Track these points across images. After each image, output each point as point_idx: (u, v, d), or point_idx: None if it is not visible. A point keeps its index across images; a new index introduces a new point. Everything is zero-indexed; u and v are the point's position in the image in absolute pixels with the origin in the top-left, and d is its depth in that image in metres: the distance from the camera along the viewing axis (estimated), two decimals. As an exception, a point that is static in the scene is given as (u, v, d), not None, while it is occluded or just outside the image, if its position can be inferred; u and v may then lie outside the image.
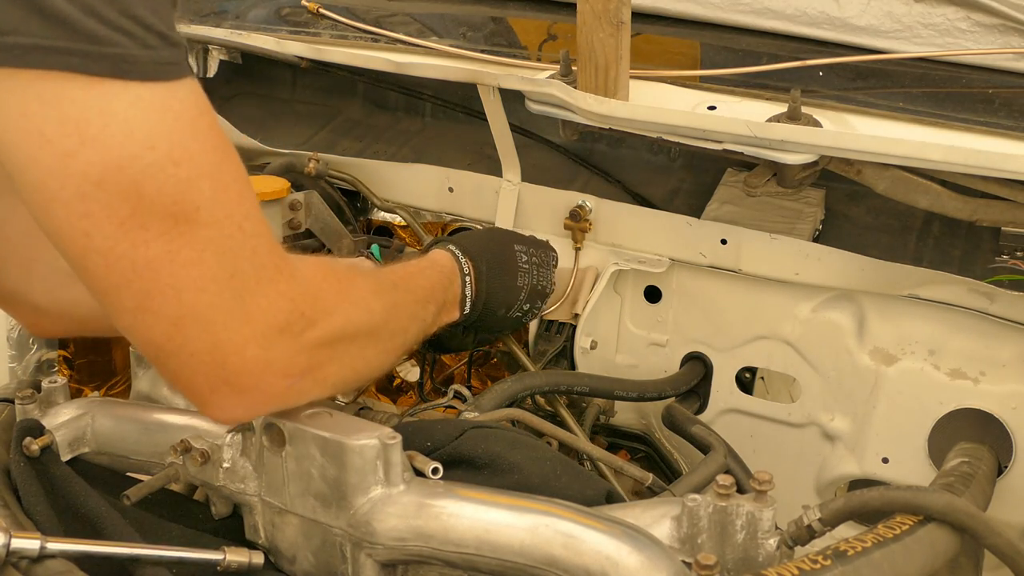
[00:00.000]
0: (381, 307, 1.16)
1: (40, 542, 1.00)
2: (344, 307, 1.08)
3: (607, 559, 0.99)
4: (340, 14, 1.97)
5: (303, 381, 1.03)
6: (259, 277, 0.97)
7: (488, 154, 1.81)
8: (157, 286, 0.92)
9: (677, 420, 1.57)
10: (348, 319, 1.08)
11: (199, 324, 0.94)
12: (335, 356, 1.07)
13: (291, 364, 1.01)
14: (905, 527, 1.08)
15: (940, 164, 1.44)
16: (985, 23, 1.65)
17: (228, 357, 0.96)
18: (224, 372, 0.97)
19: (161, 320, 0.94)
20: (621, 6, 1.51)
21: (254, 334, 0.97)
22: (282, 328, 0.99)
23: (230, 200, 0.95)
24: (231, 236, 0.94)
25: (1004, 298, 1.48)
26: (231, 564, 1.08)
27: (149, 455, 1.26)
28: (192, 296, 0.93)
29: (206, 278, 0.93)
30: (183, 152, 0.91)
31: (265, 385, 1.00)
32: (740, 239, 1.61)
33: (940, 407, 1.54)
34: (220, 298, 0.94)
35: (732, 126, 1.50)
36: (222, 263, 0.94)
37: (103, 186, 0.88)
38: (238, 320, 0.96)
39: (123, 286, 0.93)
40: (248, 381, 0.99)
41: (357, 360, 1.12)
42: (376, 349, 1.15)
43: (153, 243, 0.91)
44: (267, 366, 0.99)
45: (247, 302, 0.96)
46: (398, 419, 1.43)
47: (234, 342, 0.96)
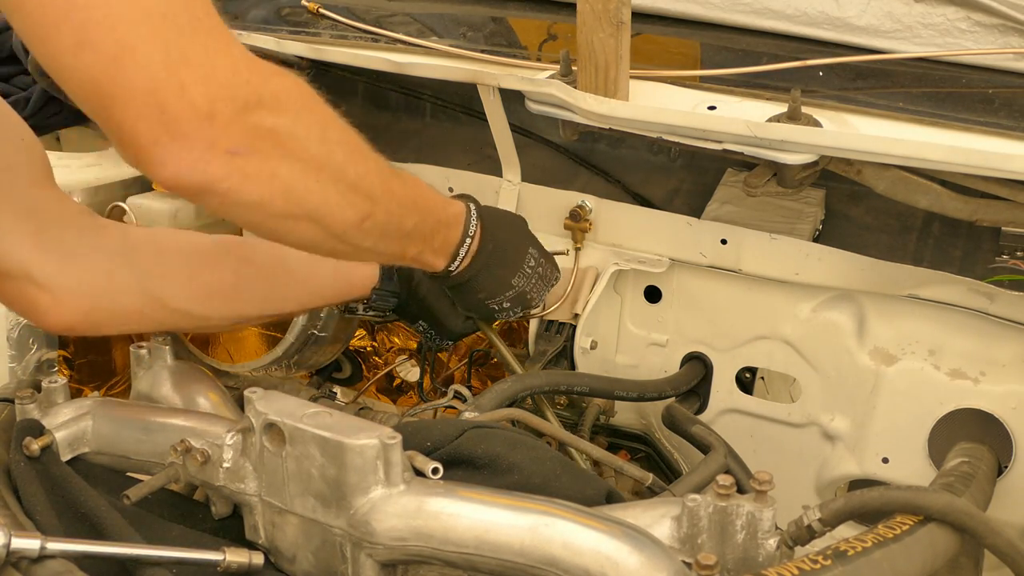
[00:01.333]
0: (348, 153, 1.10)
1: (40, 542, 1.00)
2: (302, 114, 1.04)
3: (607, 559, 0.99)
4: (340, 14, 1.97)
5: (247, 161, 0.99)
6: (195, 27, 0.95)
7: (488, 154, 1.81)
8: (92, 18, 0.91)
9: (677, 420, 1.57)
10: (303, 128, 1.04)
11: (136, 60, 0.92)
12: (285, 156, 1.02)
13: (229, 127, 0.97)
14: (905, 527, 1.08)
15: (940, 164, 1.44)
16: (985, 23, 1.64)
17: (167, 99, 0.94)
18: (164, 117, 0.94)
19: (100, 56, 0.92)
20: (621, 6, 1.51)
21: (194, 79, 0.94)
22: (223, 84, 0.96)
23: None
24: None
25: (1004, 298, 1.48)
26: (231, 564, 1.08)
27: (149, 455, 1.26)
28: (127, 30, 0.92)
29: (138, 13, 0.92)
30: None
31: (206, 137, 0.96)
32: (740, 239, 1.61)
33: (940, 407, 1.54)
34: (155, 36, 0.93)
35: (732, 126, 1.50)
36: (153, 2, 0.93)
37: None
38: (176, 60, 0.93)
39: (60, 22, 0.91)
40: (188, 128, 0.95)
41: (306, 179, 1.06)
42: (331, 177, 1.09)
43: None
44: (207, 116, 0.95)
45: (184, 47, 0.94)
46: (398, 419, 1.43)
47: (172, 83, 0.93)
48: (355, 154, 1.12)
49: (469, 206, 1.38)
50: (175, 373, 1.41)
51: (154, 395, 1.39)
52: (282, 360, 1.83)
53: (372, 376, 2.01)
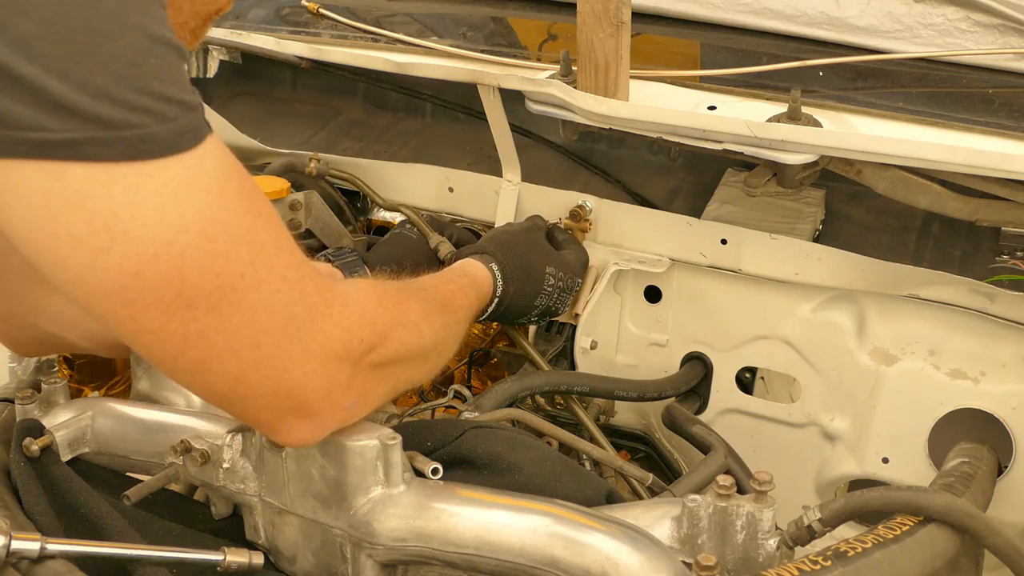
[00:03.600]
0: (431, 330, 1.18)
1: (40, 543, 1.00)
2: (398, 331, 1.09)
3: (607, 559, 0.99)
4: (340, 14, 1.97)
5: (362, 401, 1.06)
6: (312, 315, 0.98)
7: (488, 154, 1.81)
8: (213, 352, 0.93)
9: (677, 420, 1.57)
10: (401, 343, 1.10)
11: (260, 374, 0.95)
12: (385, 377, 1.08)
13: (350, 387, 1.02)
14: (905, 527, 1.08)
15: (940, 164, 1.44)
16: (985, 23, 1.65)
17: (292, 392, 0.98)
18: (289, 404, 0.99)
19: (221, 378, 0.95)
20: (621, 6, 1.51)
21: (315, 368, 0.98)
22: (341, 356, 1.00)
23: (269, 256, 0.94)
24: (278, 290, 0.94)
25: (1004, 298, 1.47)
26: (231, 565, 1.08)
27: (149, 455, 1.26)
28: (250, 353, 0.94)
29: (261, 334, 0.94)
30: (217, 226, 0.89)
31: (329, 409, 1.02)
32: (740, 239, 1.61)
33: (940, 407, 1.54)
34: (278, 348, 0.95)
35: (732, 126, 1.50)
36: (274, 317, 0.94)
37: (142, 277, 0.87)
38: (297, 361, 0.97)
39: (178, 356, 0.93)
40: (313, 409, 1.00)
41: (402, 380, 1.14)
42: (422, 369, 1.18)
43: (202, 318, 0.90)
44: (328, 392, 1.00)
45: (304, 341, 0.97)
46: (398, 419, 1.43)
47: (296, 379, 0.97)
48: (439, 331, 1.20)
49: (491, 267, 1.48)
50: (175, 373, 1.40)
51: (154, 395, 1.38)
52: (282, 360, 1.83)
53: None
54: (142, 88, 0.84)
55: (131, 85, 0.84)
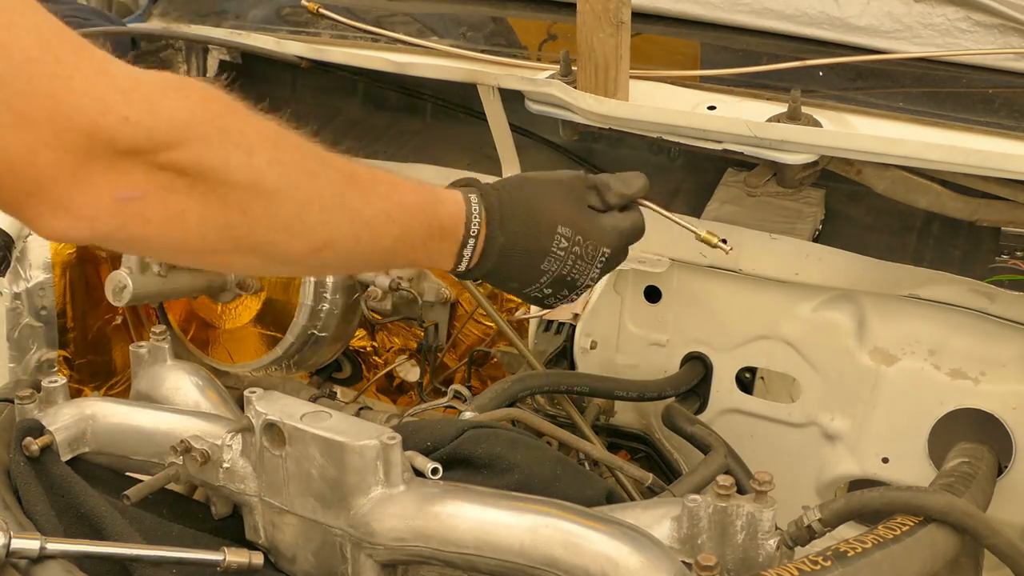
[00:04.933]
0: (275, 164, 0.96)
1: (40, 543, 1.00)
2: (212, 139, 0.90)
3: (607, 560, 0.99)
4: (340, 14, 1.97)
5: (144, 204, 0.87)
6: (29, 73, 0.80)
7: (488, 154, 1.80)
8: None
9: (677, 420, 1.57)
10: (216, 154, 0.90)
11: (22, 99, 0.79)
12: (194, 190, 0.89)
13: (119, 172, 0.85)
14: (905, 528, 1.08)
15: (940, 164, 1.44)
16: (985, 23, 1.64)
17: (16, 167, 0.82)
18: (24, 183, 0.83)
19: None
20: (621, 6, 1.51)
21: (41, 139, 0.81)
22: (84, 130, 0.82)
23: None
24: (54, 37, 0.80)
25: (1004, 298, 1.47)
26: (231, 565, 1.08)
27: (149, 455, 1.26)
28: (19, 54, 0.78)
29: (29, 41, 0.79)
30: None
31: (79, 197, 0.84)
32: (740, 239, 1.61)
33: (940, 407, 1.54)
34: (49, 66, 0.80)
35: (732, 126, 1.50)
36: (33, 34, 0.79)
37: None
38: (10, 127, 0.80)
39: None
40: (53, 190, 0.83)
41: (231, 210, 0.93)
42: (264, 210, 0.95)
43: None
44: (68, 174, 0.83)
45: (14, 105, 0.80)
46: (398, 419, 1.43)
47: (16, 151, 0.81)
48: (297, 174, 0.98)
49: (469, 199, 1.19)
50: (175, 373, 1.41)
51: (154, 395, 1.39)
52: (282, 360, 1.83)
53: (372, 376, 2.01)
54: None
55: None
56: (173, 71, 2.08)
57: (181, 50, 2.09)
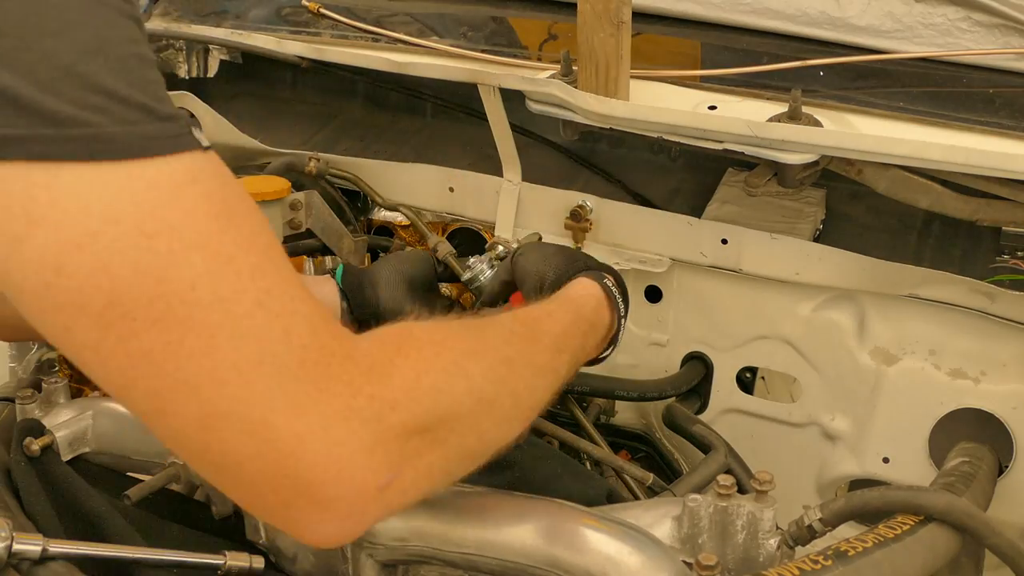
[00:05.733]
0: (484, 370, 0.96)
1: (42, 544, 1.00)
2: (430, 379, 0.89)
3: (608, 559, 0.99)
4: (340, 14, 1.97)
5: (402, 478, 0.85)
6: (301, 360, 0.79)
7: (489, 154, 1.80)
8: (165, 384, 0.77)
9: (677, 420, 1.57)
10: (439, 394, 0.89)
11: (232, 423, 0.78)
12: (437, 440, 0.88)
13: (374, 459, 0.82)
14: (906, 527, 1.08)
15: (940, 164, 1.44)
16: (985, 23, 1.64)
17: (285, 460, 0.79)
18: (289, 480, 0.79)
19: (186, 423, 0.78)
20: (621, 6, 1.51)
21: (310, 428, 0.79)
22: (346, 416, 0.81)
23: (239, 273, 0.78)
24: (247, 316, 0.78)
25: (1005, 298, 1.47)
26: (232, 568, 1.08)
27: (149, 455, 1.26)
28: (212, 391, 0.77)
29: (223, 368, 0.77)
30: (159, 223, 0.75)
31: (348, 489, 0.81)
32: (741, 239, 1.61)
33: (941, 407, 1.54)
34: (248, 391, 0.77)
35: (733, 126, 1.50)
36: (242, 348, 0.77)
37: (64, 272, 0.74)
38: (282, 413, 0.78)
39: (129, 387, 0.78)
40: (321, 488, 0.80)
41: (468, 438, 0.93)
42: (492, 419, 0.97)
43: (144, 334, 0.75)
44: (341, 465, 0.81)
45: (289, 392, 0.79)
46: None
47: (284, 440, 0.78)
48: (498, 367, 0.99)
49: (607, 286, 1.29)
50: (175, 373, 1.40)
51: (154, 395, 1.38)
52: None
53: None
54: (92, 86, 0.74)
55: (79, 81, 0.74)
56: (173, 71, 2.09)
57: (182, 50, 2.09)
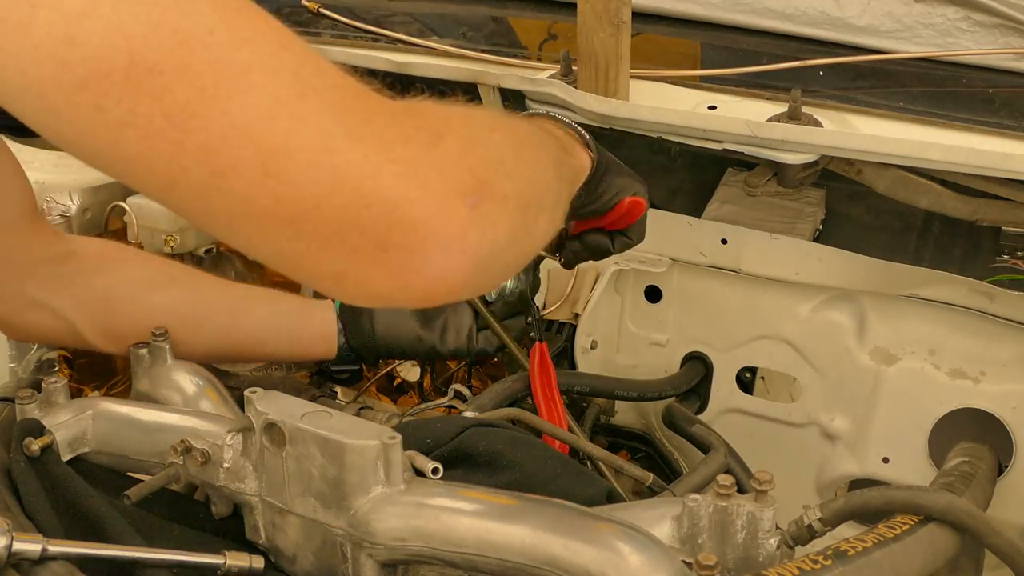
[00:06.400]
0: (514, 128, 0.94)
1: (42, 544, 1.00)
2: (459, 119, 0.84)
3: (607, 559, 0.99)
4: (340, 14, 1.97)
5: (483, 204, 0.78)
6: (341, 95, 0.74)
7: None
8: (214, 135, 0.70)
9: (677, 420, 1.57)
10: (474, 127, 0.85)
11: (295, 159, 0.71)
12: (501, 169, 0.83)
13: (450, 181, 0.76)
14: (906, 527, 1.08)
15: (940, 164, 1.44)
16: (985, 23, 1.64)
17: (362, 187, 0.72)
18: (374, 209, 0.72)
19: (248, 174, 0.71)
20: (621, 6, 1.51)
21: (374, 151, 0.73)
22: (405, 141, 0.75)
23: (253, 20, 0.73)
24: (276, 55, 0.73)
25: (1005, 298, 1.47)
26: (231, 568, 1.08)
27: (149, 455, 1.26)
28: (264, 127, 0.70)
29: (268, 102, 0.71)
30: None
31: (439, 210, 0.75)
32: (740, 239, 1.61)
33: (940, 407, 1.54)
34: (300, 121, 0.71)
35: (732, 126, 1.50)
36: (280, 82, 0.72)
37: (76, 42, 0.69)
38: (342, 139, 0.72)
39: (178, 154, 0.71)
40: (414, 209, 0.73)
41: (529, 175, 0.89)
42: (540, 163, 0.94)
43: (176, 86, 0.70)
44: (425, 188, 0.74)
45: (340, 120, 0.73)
46: (398, 419, 1.43)
47: (354, 165, 0.72)
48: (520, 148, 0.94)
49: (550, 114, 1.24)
50: (175, 373, 1.41)
51: (154, 395, 1.39)
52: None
53: (372, 376, 2.01)
54: None
55: None
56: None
57: (181, 50, 2.08)
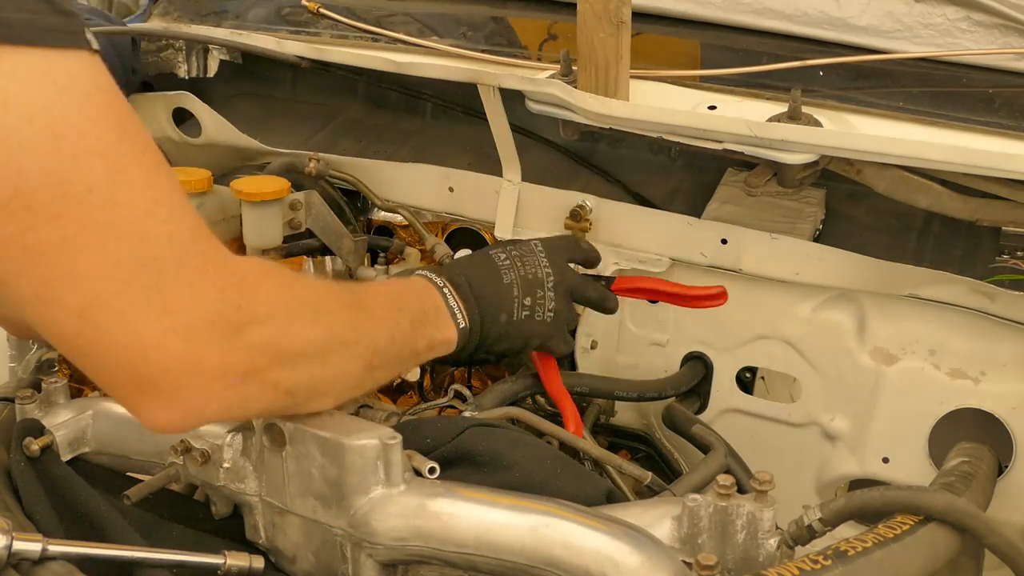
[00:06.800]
0: (336, 312, 1.06)
1: (42, 544, 1.00)
2: (290, 306, 0.99)
3: (607, 559, 0.99)
4: (340, 14, 1.97)
5: (247, 385, 0.94)
6: (179, 264, 0.89)
7: (488, 154, 1.80)
8: (55, 274, 0.84)
9: (677, 420, 1.57)
10: (294, 319, 0.99)
11: (108, 315, 0.86)
12: (285, 361, 0.98)
13: (226, 363, 0.92)
14: (905, 527, 1.08)
15: (940, 164, 1.44)
16: (985, 23, 1.64)
17: (148, 353, 0.88)
18: (147, 370, 0.88)
19: (65, 312, 0.86)
20: (621, 6, 1.51)
21: (175, 326, 0.88)
22: (211, 320, 0.90)
23: (132, 182, 0.87)
24: (137, 220, 0.87)
25: (1004, 298, 1.47)
26: (231, 568, 1.08)
27: (149, 455, 1.26)
28: (95, 285, 0.85)
29: (109, 265, 0.85)
30: (67, 127, 0.83)
31: (195, 386, 0.91)
32: (740, 239, 1.61)
33: (940, 407, 1.54)
34: (129, 287, 0.86)
35: (732, 126, 1.50)
36: (128, 249, 0.86)
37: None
38: (155, 311, 0.87)
39: (19, 274, 0.85)
40: (174, 381, 0.89)
41: (315, 366, 1.02)
42: (340, 354, 1.05)
43: (43, 228, 0.83)
44: (195, 364, 0.90)
45: (164, 291, 0.87)
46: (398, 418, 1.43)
47: (152, 335, 0.87)
48: (343, 311, 1.08)
49: (419, 273, 1.31)
50: (175, 373, 1.40)
51: (154, 395, 1.38)
52: (282, 360, 1.82)
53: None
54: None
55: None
56: (173, 71, 2.09)
57: (181, 50, 2.09)
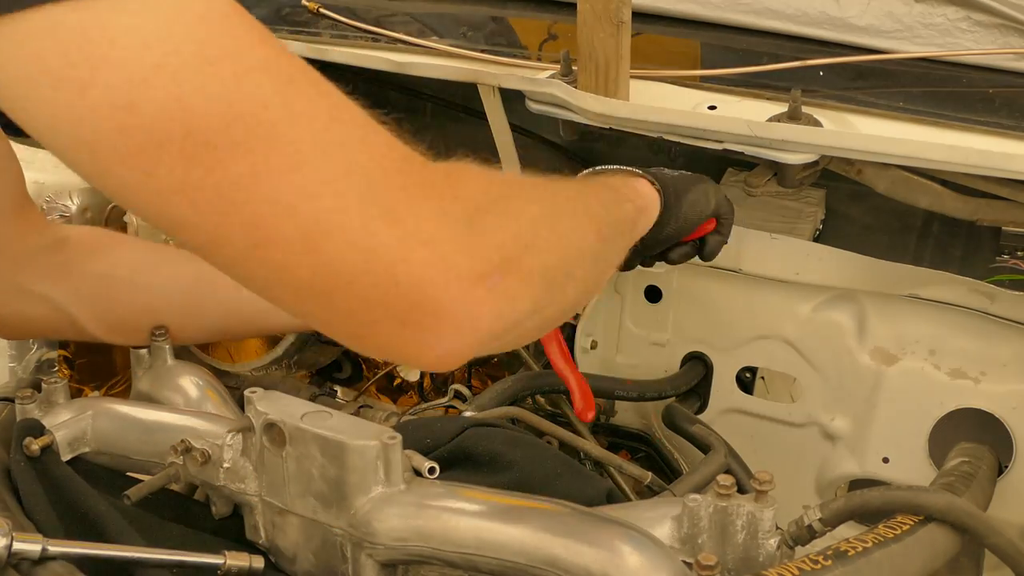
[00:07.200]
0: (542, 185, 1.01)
1: (42, 544, 1.00)
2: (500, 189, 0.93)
3: (607, 559, 0.99)
4: (340, 14, 1.97)
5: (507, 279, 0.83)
6: (384, 169, 0.80)
7: (489, 154, 1.81)
8: (260, 209, 0.74)
9: (677, 420, 1.57)
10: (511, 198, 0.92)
11: (334, 238, 0.76)
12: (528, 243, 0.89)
13: (478, 260, 0.81)
14: (906, 527, 1.08)
15: (941, 164, 1.44)
16: (985, 23, 1.64)
17: (394, 269, 0.77)
18: (398, 290, 0.77)
19: (290, 248, 0.76)
20: (621, 6, 1.51)
21: (410, 233, 0.77)
22: (440, 219, 0.80)
23: (304, 91, 0.79)
24: (325, 129, 0.78)
25: (1005, 298, 1.47)
26: (231, 568, 1.08)
27: (149, 455, 1.26)
28: (308, 207, 0.75)
29: (315, 182, 0.75)
30: (218, 50, 0.75)
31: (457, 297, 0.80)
32: (740, 239, 1.61)
33: (941, 407, 1.54)
34: (343, 201, 0.76)
35: (732, 126, 1.50)
36: (328, 160, 0.77)
37: (136, 110, 0.72)
38: (382, 221, 0.77)
39: (222, 224, 0.75)
40: (433, 296, 0.78)
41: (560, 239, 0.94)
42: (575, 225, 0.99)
43: (229, 160, 0.73)
44: (448, 270, 0.79)
45: (381, 199, 0.77)
46: (397, 418, 1.43)
47: (390, 248, 0.77)
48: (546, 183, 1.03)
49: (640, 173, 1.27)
50: (175, 373, 1.41)
51: (154, 395, 1.39)
52: (282, 360, 1.83)
53: (372, 376, 2.01)
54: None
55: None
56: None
57: (181, 50, 2.09)
